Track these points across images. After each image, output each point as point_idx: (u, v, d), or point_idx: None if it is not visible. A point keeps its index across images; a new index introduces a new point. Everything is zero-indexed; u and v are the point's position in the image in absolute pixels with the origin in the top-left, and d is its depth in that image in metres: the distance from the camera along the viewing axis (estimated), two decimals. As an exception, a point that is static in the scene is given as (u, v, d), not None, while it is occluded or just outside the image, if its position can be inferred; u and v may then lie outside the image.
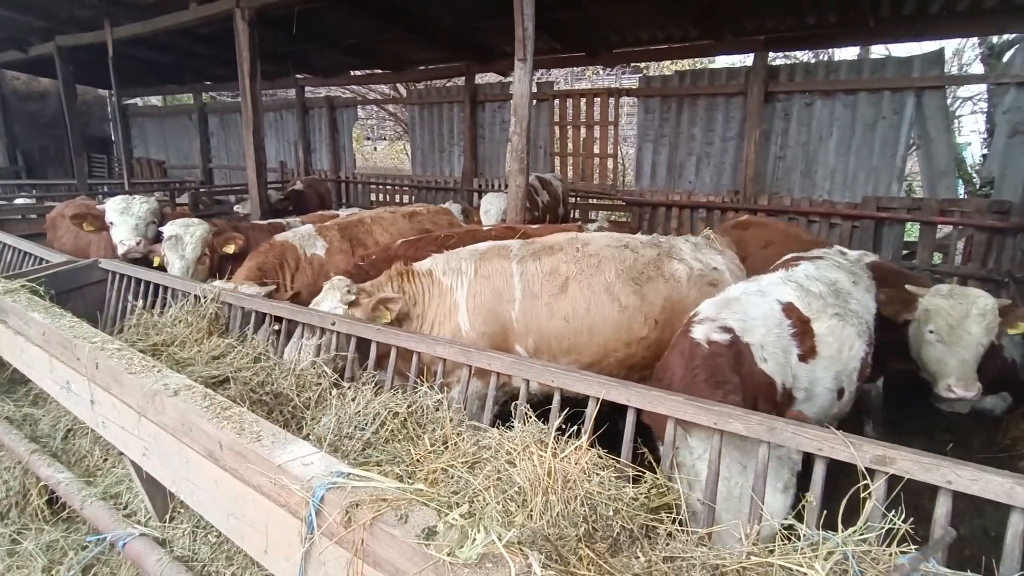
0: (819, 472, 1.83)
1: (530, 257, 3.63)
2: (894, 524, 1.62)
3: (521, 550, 1.16)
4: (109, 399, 2.06)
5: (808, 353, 2.82)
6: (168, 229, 4.62)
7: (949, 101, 9.50)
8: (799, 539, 1.72)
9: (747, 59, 9.13)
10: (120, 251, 4.79)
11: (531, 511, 1.81)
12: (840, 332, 2.96)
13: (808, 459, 1.92)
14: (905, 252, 7.62)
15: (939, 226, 7.17)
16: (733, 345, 2.55)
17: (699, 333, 2.59)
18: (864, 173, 7.78)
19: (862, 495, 1.70)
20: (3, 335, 2.69)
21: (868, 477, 1.71)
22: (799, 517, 1.77)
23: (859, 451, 1.71)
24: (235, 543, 2.36)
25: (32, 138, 15.92)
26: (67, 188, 11.13)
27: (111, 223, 4.96)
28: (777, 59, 11.74)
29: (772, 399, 2.52)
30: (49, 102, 15.98)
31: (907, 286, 3.54)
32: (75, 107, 11.04)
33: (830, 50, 13.03)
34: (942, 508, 1.63)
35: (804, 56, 13.77)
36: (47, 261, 4.63)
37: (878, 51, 12.18)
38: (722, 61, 14.13)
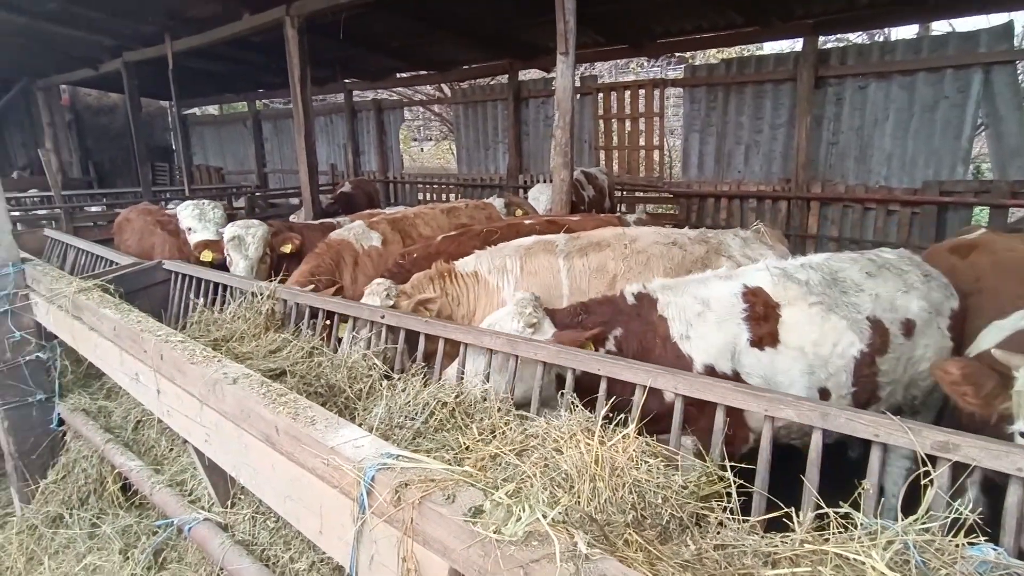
0: (875, 459, 1.77)
1: (576, 253, 3.62)
2: (960, 514, 1.55)
3: (567, 529, 1.17)
4: (173, 388, 2.18)
5: (765, 339, 2.65)
6: (229, 231, 4.84)
7: (1021, 76, 8.89)
8: (855, 527, 1.66)
9: (796, 44, 8.83)
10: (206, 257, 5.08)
11: (578, 497, 1.82)
12: (820, 322, 2.68)
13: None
14: (973, 238, 7.21)
15: (1011, 209, 6.74)
16: (636, 308, 2.77)
17: (624, 288, 2.90)
18: (924, 156, 7.39)
19: (923, 483, 1.63)
20: (79, 331, 2.89)
21: (930, 464, 1.63)
22: (855, 505, 1.71)
23: (919, 437, 1.64)
24: (292, 527, 2.46)
25: (103, 150, 16.97)
26: (133, 196, 11.79)
27: (188, 228, 5.23)
28: (828, 43, 11.27)
29: None
30: (117, 115, 16.98)
31: (993, 350, 2.15)
32: (140, 119, 11.69)
33: (885, 30, 12.41)
34: (1014, 497, 1.54)
35: (857, 38, 13.17)
36: (115, 263, 4.93)
37: (939, 27, 11.54)
38: (769, 47, 13.67)
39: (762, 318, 2.67)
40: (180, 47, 9.92)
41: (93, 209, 9.88)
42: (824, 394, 2.70)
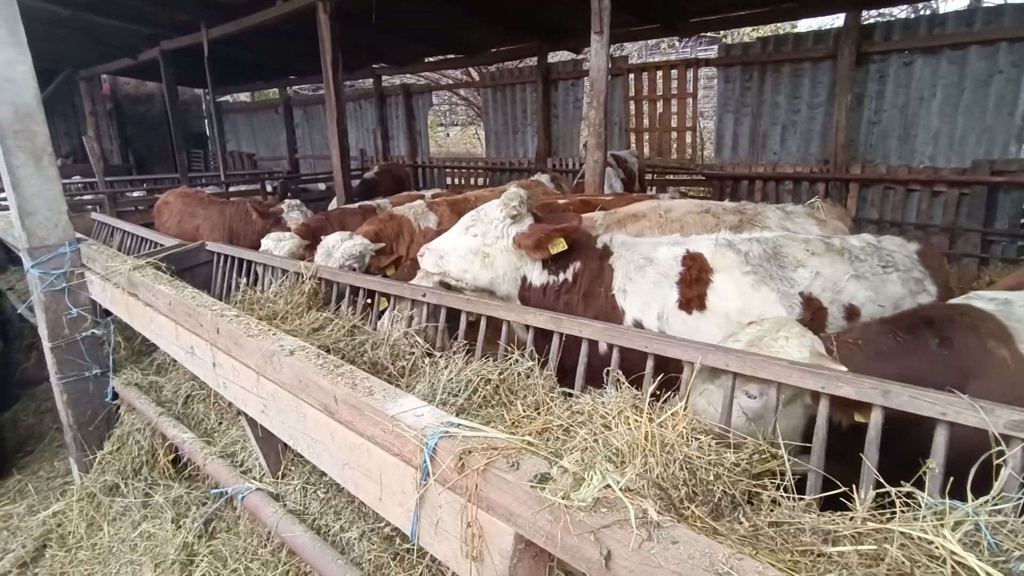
0: (941, 438, 1.72)
1: (615, 225, 3.65)
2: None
3: (637, 497, 1.17)
4: (230, 361, 2.24)
5: (693, 302, 2.73)
6: (263, 245, 4.87)
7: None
8: (918, 508, 1.62)
9: (835, 21, 8.54)
10: None
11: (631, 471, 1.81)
12: (749, 292, 2.69)
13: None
14: (1025, 220, 6.94)
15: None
16: (599, 252, 2.95)
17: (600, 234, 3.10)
18: (975, 134, 7.09)
19: (995, 463, 1.58)
20: (134, 307, 2.97)
21: (1003, 444, 1.58)
22: (919, 485, 1.66)
23: (991, 416, 1.58)
24: (342, 497, 2.52)
25: (141, 137, 17.40)
26: (171, 182, 12.06)
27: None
28: (870, 18, 10.85)
29: None
30: (154, 104, 17.36)
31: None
32: (177, 106, 11.92)
33: (932, 3, 11.90)
34: (1092, 477, 1.48)
35: (900, 12, 12.64)
36: (159, 244, 5.05)
37: None
38: (804, 25, 13.22)
39: (694, 281, 2.74)
40: (214, 35, 10.05)
41: (135, 194, 10.15)
42: None
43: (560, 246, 2.89)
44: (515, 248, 2.97)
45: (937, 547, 1.44)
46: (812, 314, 2.71)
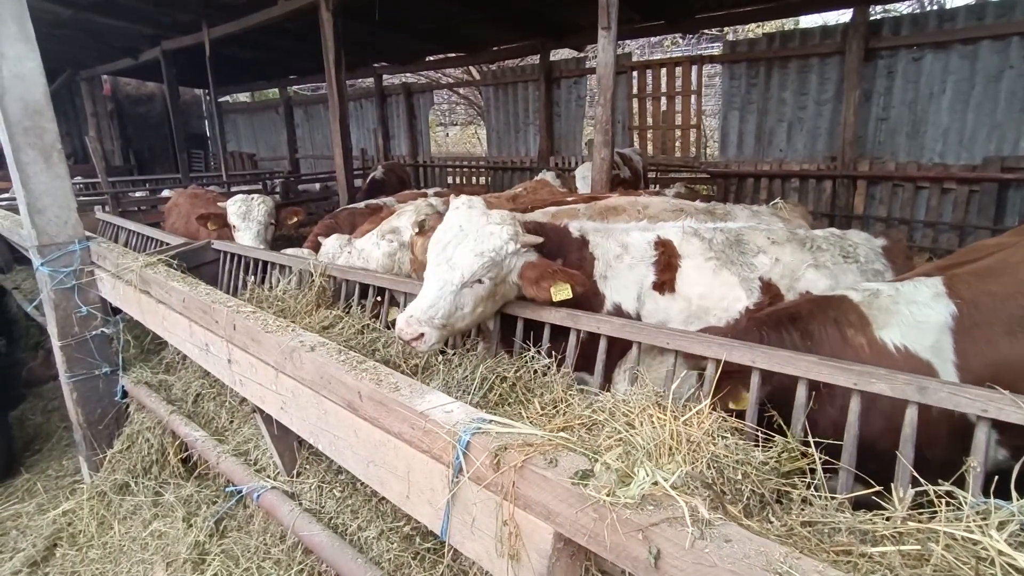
0: (982, 435, 1.68)
1: (597, 216, 3.77)
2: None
3: (684, 492, 1.13)
4: (246, 358, 2.19)
5: (665, 285, 2.85)
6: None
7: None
8: (958, 508, 1.58)
9: (840, 16, 8.50)
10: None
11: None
12: (710, 276, 2.83)
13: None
14: (1036, 217, 6.89)
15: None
16: (577, 243, 2.93)
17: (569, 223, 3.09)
18: (986, 131, 7.04)
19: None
20: (146, 304, 2.93)
21: (1048, 439, 1.54)
22: (960, 483, 1.62)
23: (1035, 411, 1.54)
24: (359, 496, 2.48)
25: (142, 138, 17.33)
26: (173, 182, 12.02)
27: (234, 226, 5.29)
28: (878, 13, 10.80)
29: (597, 313, 2.74)
30: (155, 104, 17.29)
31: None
32: (179, 107, 11.87)
33: None
34: None
35: (906, 9, 12.61)
36: (166, 243, 5.01)
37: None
38: (807, 21, 13.18)
39: (666, 266, 2.87)
40: (217, 34, 10.01)
41: (137, 194, 10.11)
42: None
43: (565, 293, 2.63)
44: (519, 280, 2.76)
45: (983, 547, 1.41)
46: (770, 299, 2.79)
